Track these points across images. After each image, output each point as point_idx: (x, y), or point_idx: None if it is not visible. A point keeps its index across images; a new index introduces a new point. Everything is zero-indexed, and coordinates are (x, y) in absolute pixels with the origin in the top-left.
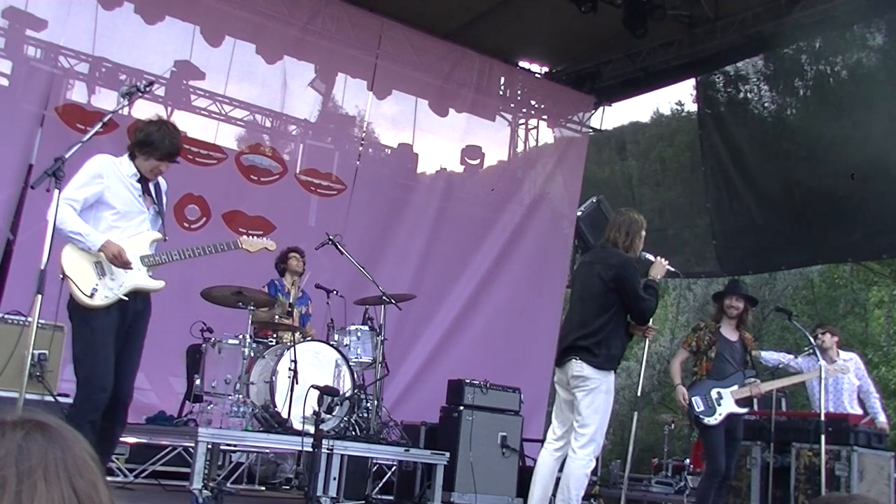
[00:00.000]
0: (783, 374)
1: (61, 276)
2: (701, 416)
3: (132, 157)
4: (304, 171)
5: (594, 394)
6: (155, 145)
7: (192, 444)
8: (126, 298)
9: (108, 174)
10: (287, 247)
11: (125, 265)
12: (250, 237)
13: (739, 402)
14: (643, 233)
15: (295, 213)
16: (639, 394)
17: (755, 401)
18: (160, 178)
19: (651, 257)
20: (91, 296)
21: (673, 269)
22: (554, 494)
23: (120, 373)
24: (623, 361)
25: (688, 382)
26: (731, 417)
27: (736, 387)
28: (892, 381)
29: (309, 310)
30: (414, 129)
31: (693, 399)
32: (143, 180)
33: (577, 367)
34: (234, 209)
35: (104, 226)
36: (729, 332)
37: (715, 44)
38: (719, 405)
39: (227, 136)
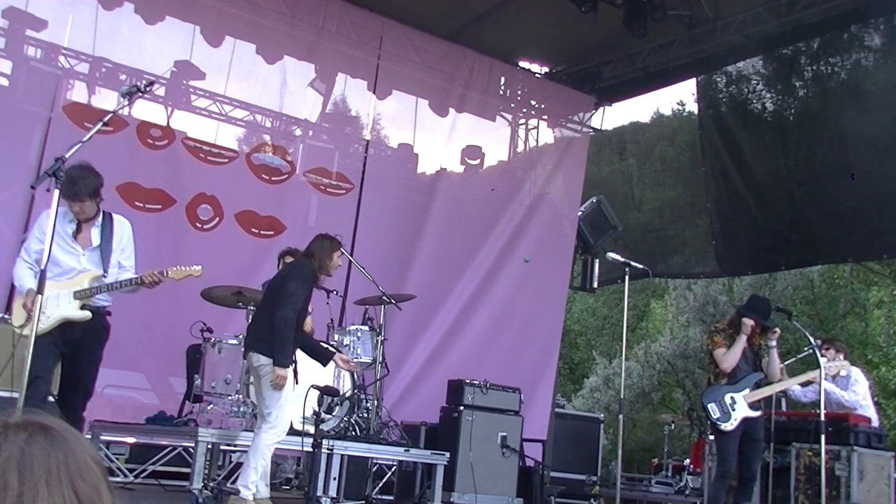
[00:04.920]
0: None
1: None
2: (718, 423)
3: None
4: (311, 170)
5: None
6: (60, 188)
7: (192, 444)
8: (50, 330)
9: (48, 232)
10: (287, 248)
11: (29, 314)
12: (178, 267)
13: (752, 406)
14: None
15: (304, 212)
16: (622, 396)
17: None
18: (117, 217)
19: (618, 257)
20: (21, 326)
21: None
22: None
23: (63, 394)
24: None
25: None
26: (746, 421)
27: (748, 390)
28: (892, 382)
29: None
30: (414, 129)
31: (709, 406)
32: (80, 222)
33: None
34: (246, 209)
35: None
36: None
37: (715, 44)
38: (734, 410)
39: (227, 137)
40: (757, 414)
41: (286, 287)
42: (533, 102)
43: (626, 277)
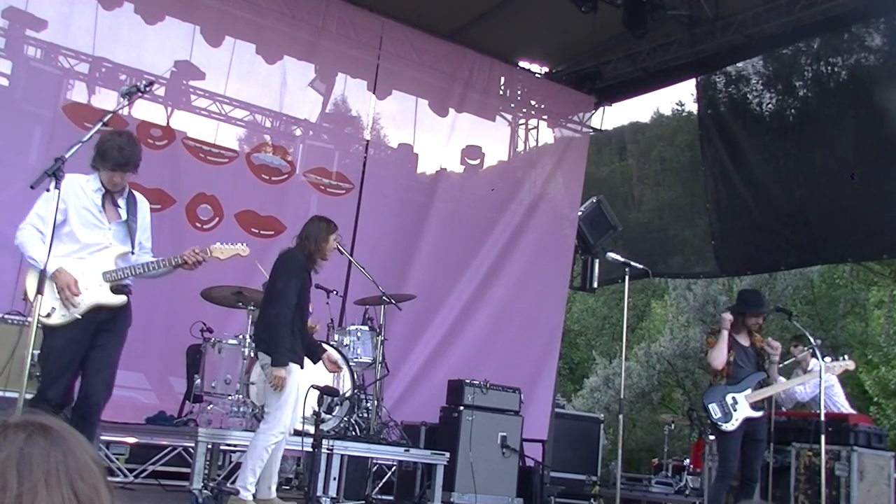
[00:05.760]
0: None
1: (23, 297)
2: (718, 423)
3: (97, 170)
4: (311, 170)
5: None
6: (105, 156)
7: (192, 444)
8: (80, 317)
9: (69, 197)
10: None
11: (70, 298)
12: (223, 244)
13: (754, 406)
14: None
15: (304, 212)
16: (622, 396)
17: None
18: (138, 194)
19: (618, 257)
20: (48, 315)
21: None
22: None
23: (88, 379)
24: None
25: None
26: (748, 421)
27: (750, 390)
28: (892, 382)
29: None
30: (414, 129)
31: (710, 406)
32: (108, 194)
33: None
34: (246, 209)
35: (61, 242)
36: (742, 338)
37: (715, 44)
38: (735, 410)
39: (227, 137)
40: (759, 414)
41: (275, 285)
42: (533, 102)
43: (626, 277)
